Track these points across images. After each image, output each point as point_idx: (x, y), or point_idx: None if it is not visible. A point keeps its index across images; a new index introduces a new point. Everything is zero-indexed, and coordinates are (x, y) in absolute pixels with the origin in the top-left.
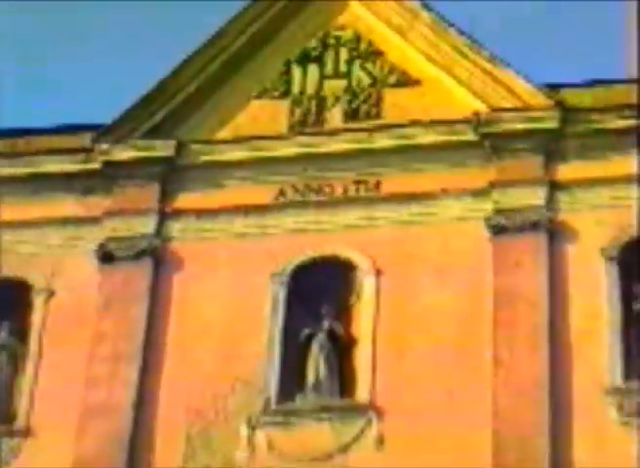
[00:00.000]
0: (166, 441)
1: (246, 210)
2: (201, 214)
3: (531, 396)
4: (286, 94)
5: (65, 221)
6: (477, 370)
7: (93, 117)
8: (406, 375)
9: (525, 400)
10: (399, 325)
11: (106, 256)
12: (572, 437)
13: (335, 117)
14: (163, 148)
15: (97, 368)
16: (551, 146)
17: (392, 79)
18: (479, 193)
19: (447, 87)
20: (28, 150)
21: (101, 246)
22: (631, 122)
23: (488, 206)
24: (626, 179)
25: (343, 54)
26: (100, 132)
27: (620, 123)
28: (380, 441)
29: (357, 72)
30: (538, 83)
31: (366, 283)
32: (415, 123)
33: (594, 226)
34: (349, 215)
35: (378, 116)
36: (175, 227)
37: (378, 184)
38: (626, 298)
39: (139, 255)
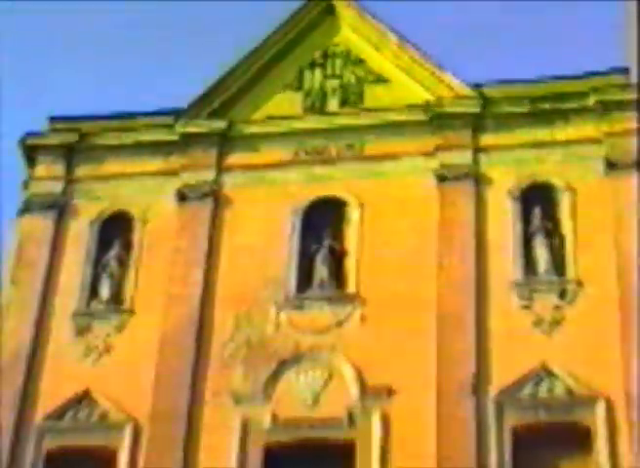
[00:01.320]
0: (222, 319)
1: (274, 165)
2: (244, 168)
3: (462, 288)
4: (300, 88)
5: (155, 174)
6: (428, 271)
7: (172, 103)
8: (380, 275)
9: (458, 290)
10: (375, 241)
11: (182, 197)
12: (489, 314)
13: (333, 104)
14: (219, 125)
15: (175, 270)
16: (476, 123)
17: (371, 78)
18: (429, 154)
19: (407, 84)
20: (132, 126)
21: (178, 190)
22: (528, 108)
23: (435, 163)
24: (527, 145)
25: (338, 62)
26: (178, 114)
27: (524, 108)
28: (363, 319)
29: (347, 74)
30: (467, 81)
31: (353, 214)
32: (386, 108)
33: (504, 176)
34: (342, 169)
35: (361, 103)
36: (227, 178)
37: (362, 148)
38: (526, 223)
39: (203, 197)
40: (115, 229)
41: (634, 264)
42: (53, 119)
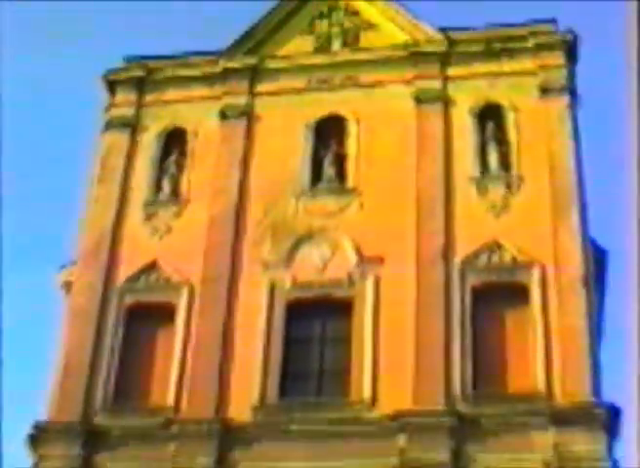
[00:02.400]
0: (254, 207)
1: (291, 91)
2: (270, 94)
3: (434, 182)
4: (312, 33)
5: (203, 99)
6: (409, 169)
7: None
8: (373, 173)
9: (431, 184)
10: (369, 148)
11: (223, 116)
12: (454, 201)
13: (336, 45)
14: (251, 61)
15: (219, 170)
16: (443, 59)
17: (364, 25)
18: (408, 82)
19: (392, 29)
20: (186, 63)
21: (221, 111)
22: (483, 47)
23: (413, 89)
24: (482, 76)
25: (340, 13)
26: (220, 53)
27: (480, 48)
28: (360, 206)
29: (347, 22)
30: (437, 27)
31: (352, 127)
32: (376, 48)
33: (465, 99)
34: (343, 94)
35: (357, 44)
36: (257, 101)
37: (357, 78)
38: (481, 134)
39: (239, 116)
40: (174, 141)
41: (562, 163)
42: (127, 58)
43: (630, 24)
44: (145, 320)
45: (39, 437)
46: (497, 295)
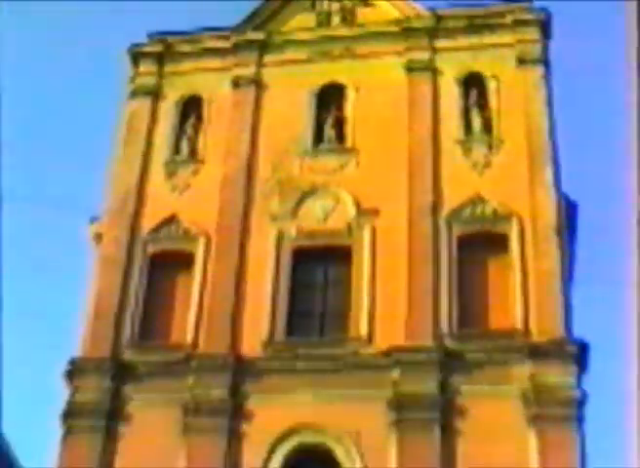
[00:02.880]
0: (263, 166)
1: (296, 62)
2: (276, 65)
3: (423, 144)
4: (313, 10)
5: (216, 69)
6: (401, 132)
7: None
8: (369, 135)
9: (421, 145)
10: (366, 112)
11: (235, 84)
12: (441, 160)
13: (335, 21)
14: (259, 36)
15: (231, 133)
16: (431, 33)
17: (361, 3)
18: (400, 54)
19: (386, 6)
20: (201, 38)
21: (232, 80)
22: (466, 23)
23: (404, 59)
24: (466, 48)
25: None
26: (231, 30)
27: (464, 23)
28: (358, 164)
29: (344, 1)
30: (425, 4)
31: (350, 94)
32: (371, 23)
33: (451, 69)
34: (343, 64)
35: (354, 20)
36: (265, 71)
37: (355, 50)
38: (466, 100)
39: (248, 84)
40: (191, 107)
41: (537, 126)
42: (149, 34)
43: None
44: (167, 267)
45: (74, 371)
46: (480, 244)
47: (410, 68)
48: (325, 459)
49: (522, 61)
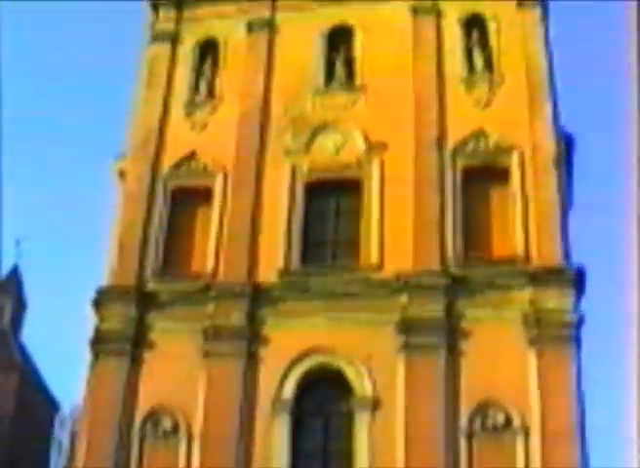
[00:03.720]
0: (276, 105)
1: (308, 5)
2: (290, 9)
3: (429, 81)
4: None
5: (232, 15)
6: (406, 71)
7: None
8: (378, 73)
9: (426, 83)
10: (374, 51)
11: (249, 28)
12: (446, 95)
13: None
14: None
15: (246, 75)
16: None
17: None
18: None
19: None
20: None
21: (247, 23)
22: None
23: (410, 3)
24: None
25: None
26: None
27: None
28: (367, 101)
29: None
30: None
31: (358, 35)
32: None
33: (453, 11)
34: (351, 8)
35: None
36: (277, 15)
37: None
38: (468, 40)
39: (262, 27)
40: (208, 50)
41: (536, 64)
42: None
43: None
44: (187, 201)
45: (101, 300)
46: (483, 176)
47: (415, 11)
48: (337, 380)
49: (521, 2)
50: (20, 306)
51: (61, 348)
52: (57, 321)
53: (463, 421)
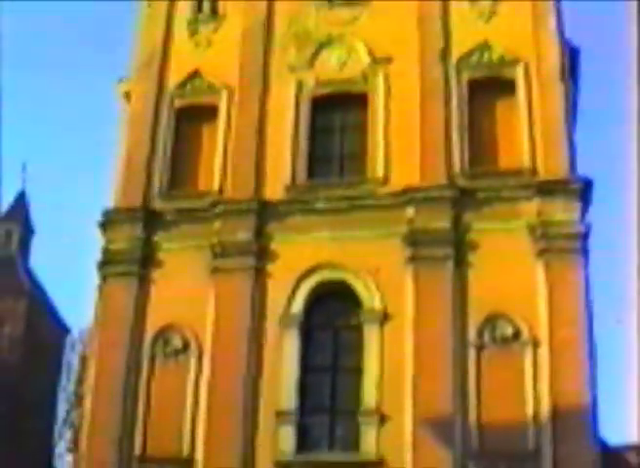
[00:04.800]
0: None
1: None
2: None
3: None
4: None
5: None
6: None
7: None
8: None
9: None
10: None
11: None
12: (451, 11)
13: None
14: None
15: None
16: None
17: None
18: None
19: None
20: None
21: None
22: None
23: None
24: None
25: None
26: None
27: None
28: (372, 15)
29: None
30: None
31: None
32: None
33: None
34: None
35: None
36: None
37: None
38: None
39: None
40: None
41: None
42: None
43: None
44: (192, 120)
45: (108, 221)
46: (488, 89)
47: None
48: (345, 294)
49: None
50: (27, 232)
51: (70, 272)
52: (64, 245)
53: (472, 333)
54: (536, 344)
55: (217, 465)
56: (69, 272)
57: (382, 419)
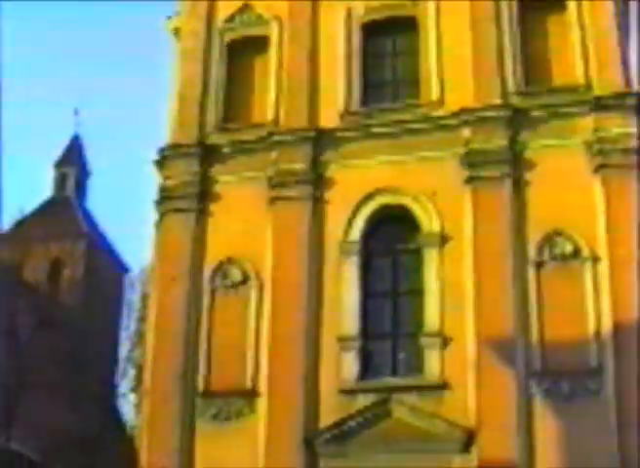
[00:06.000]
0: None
1: None
2: None
3: None
4: None
5: None
6: None
7: None
8: None
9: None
10: None
11: None
12: None
13: None
14: None
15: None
16: None
17: None
18: None
19: None
20: None
21: None
22: None
23: None
24: None
25: None
26: None
27: None
28: None
29: None
30: None
31: None
32: None
33: None
34: None
35: None
36: None
37: None
38: None
39: None
40: None
41: None
42: None
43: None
44: (243, 53)
45: (164, 158)
46: (539, 6)
47: None
48: (403, 219)
49: None
50: (83, 174)
51: (127, 212)
52: (121, 185)
53: (532, 251)
54: (595, 260)
55: (281, 395)
56: (126, 212)
57: (445, 341)
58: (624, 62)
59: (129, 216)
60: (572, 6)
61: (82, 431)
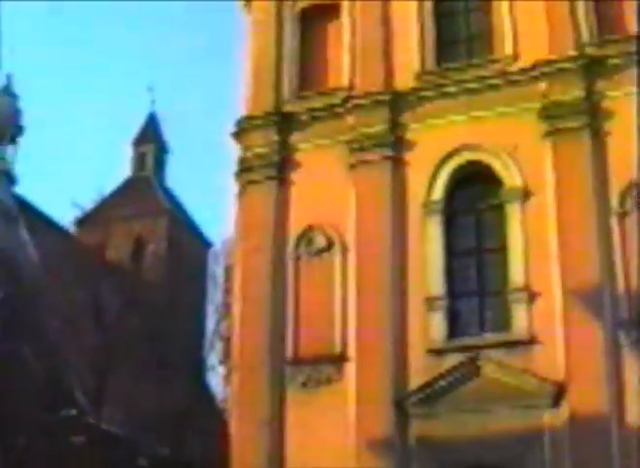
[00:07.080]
0: None
1: None
2: None
3: None
4: None
5: None
6: None
7: None
8: None
9: None
10: None
11: None
12: None
13: None
14: None
15: None
16: None
17: None
18: None
19: None
20: None
21: None
22: None
23: None
24: None
25: None
26: None
27: None
28: None
29: None
30: None
31: None
32: None
33: None
34: None
35: None
36: None
37: None
38: None
39: None
40: None
41: None
42: None
43: None
44: (315, 20)
45: (242, 129)
46: None
47: None
48: (485, 176)
49: None
50: (161, 152)
51: (207, 187)
52: (200, 160)
53: (614, 201)
54: None
55: (370, 358)
56: (206, 187)
57: (531, 296)
58: None
59: (208, 191)
60: None
61: (172, 406)
